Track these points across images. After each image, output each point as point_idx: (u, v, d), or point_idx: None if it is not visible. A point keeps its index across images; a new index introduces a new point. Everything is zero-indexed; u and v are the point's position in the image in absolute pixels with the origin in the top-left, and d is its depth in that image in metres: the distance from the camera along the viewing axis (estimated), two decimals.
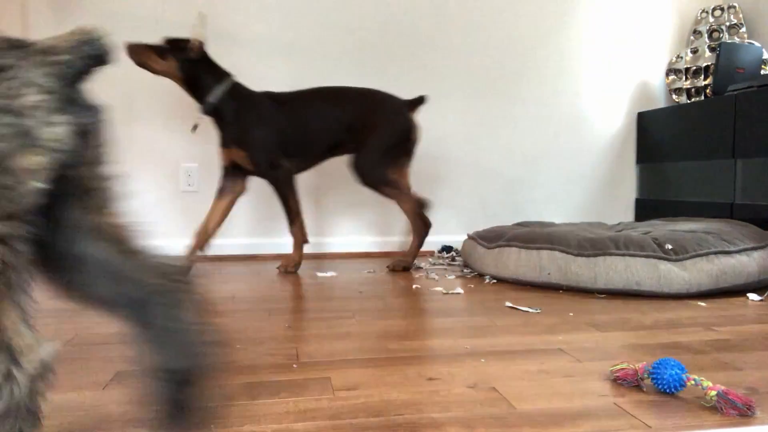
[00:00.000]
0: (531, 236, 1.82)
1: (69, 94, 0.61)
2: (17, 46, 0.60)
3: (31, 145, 0.56)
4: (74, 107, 0.61)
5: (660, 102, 2.87)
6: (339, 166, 2.55)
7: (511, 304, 1.50)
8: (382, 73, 2.58)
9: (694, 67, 2.69)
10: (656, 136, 2.71)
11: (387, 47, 2.58)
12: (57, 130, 0.59)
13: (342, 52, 2.54)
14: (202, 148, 2.44)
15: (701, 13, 2.77)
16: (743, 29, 2.65)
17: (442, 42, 2.63)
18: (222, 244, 2.47)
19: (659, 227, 1.97)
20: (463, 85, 2.66)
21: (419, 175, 2.63)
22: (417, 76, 2.61)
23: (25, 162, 0.55)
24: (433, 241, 2.64)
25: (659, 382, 0.86)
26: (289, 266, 2.05)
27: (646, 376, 0.88)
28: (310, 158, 2.08)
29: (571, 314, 1.40)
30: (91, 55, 0.62)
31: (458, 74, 2.65)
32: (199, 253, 2.01)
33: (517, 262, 1.79)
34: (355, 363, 1.02)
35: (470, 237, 2.12)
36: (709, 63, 2.63)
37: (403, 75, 2.60)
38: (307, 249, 2.53)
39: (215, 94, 1.94)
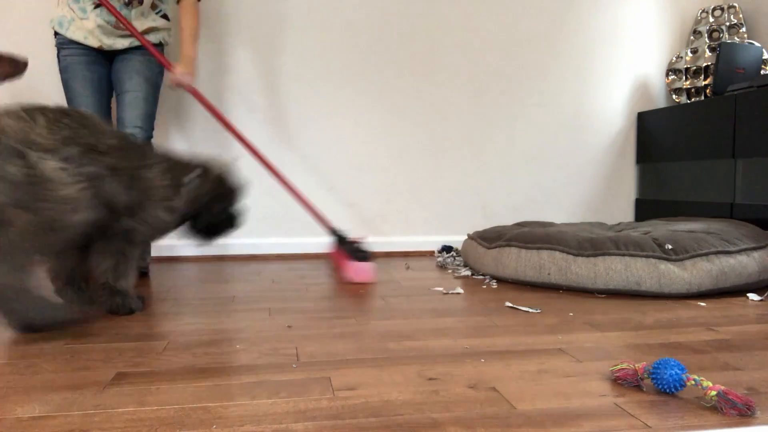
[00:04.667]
0: (531, 236, 1.82)
1: None
2: None
3: None
4: None
5: (660, 102, 2.87)
6: (342, 164, 2.55)
7: (511, 304, 1.50)
8: (381, 73, 2.58)
9: (694, 67, 2.69)
10: (656, 136, 2.71)
11: (387, 47, 2.58)
12: None
13: (341, 52, 2.54)
14: (201, 149, 2.44)
15: (701, 13, 2.77)
16: (743, 29, 2.65)
17: (442, 42, 2.63)
18: (222, 243, 2.47)
19: (659, 227, 1.97)
20: (463, 85, 2.66)
21: (419, 174, 2.63)
22: (417, 76, 2.61)
23: None
24: (433, 241, 2.64)
25: (659, 382, 0.86)
26: None
27: (646, 376, 0.88)
28: None
29: (571, 314, 1.40)
30: None
31: (458, 75, 2.65)
32: None
33: (517, 262, 1.79)
34: (355, 363, 1.02)
35: (470, 237, 2.12)
36: (709, 63, 2.63)
37: (402, 75, 2.60)
38: (307, 249, 2.53)
39: None
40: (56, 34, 1.91)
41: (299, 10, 2.50)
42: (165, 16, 2.01)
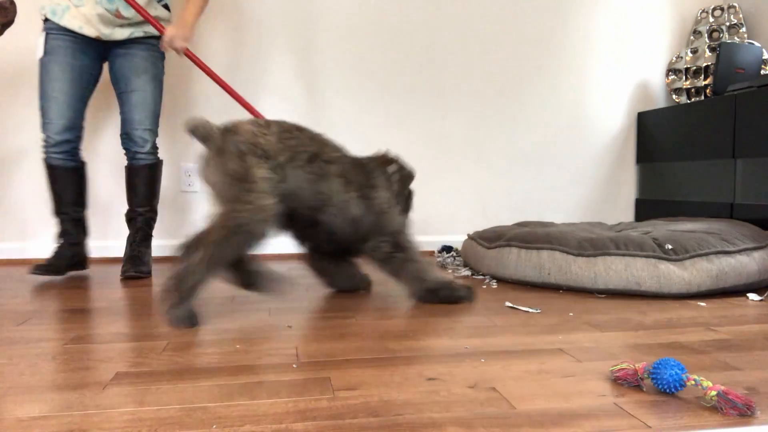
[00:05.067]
0: (531, 236, 1.82)
1: None
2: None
3: None
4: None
5: (660, 102, 2.87)
6: None
7: (510, 304, 1.50)
8: (381, 74, 2.58)
9: (694, 67, 2.69)
10: (656, 136, 2.71)
11: (386, 47, 2.58)
12: None
13: (339, 53, 2.54)
14: (201, 148, 2.44)
15: (701, 13, 2.77)
16: (743, 29, 2.65)
17: (443, 43, 2.63)
18: None
19: (659, 227, 1.97)
20: (463, 85, 2.66)
21: (419, 174, 2.63)
22: (417, 77, 2.61)
23: None
24: (433, 241, 2.64)
25: (659, 382, 0.86)
26: None
27: (646, 376, 0.88)
28: None
29: (571, 314, 1.40)
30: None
31: (458, 74, 2.65)
32: None
33: (517, 262, 1.79)
34: (355, 363, 1.02)
35: (470, 237, 2.12)
36: (709, 63, 2.63)
37: (403, 75, 2.60)
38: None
39: None
40: (45, 20, 1.85)
41: (285, 11, 2.50)
42: (166, 6, 2.00)
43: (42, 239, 2.34)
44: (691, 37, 2.77)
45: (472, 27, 2.66)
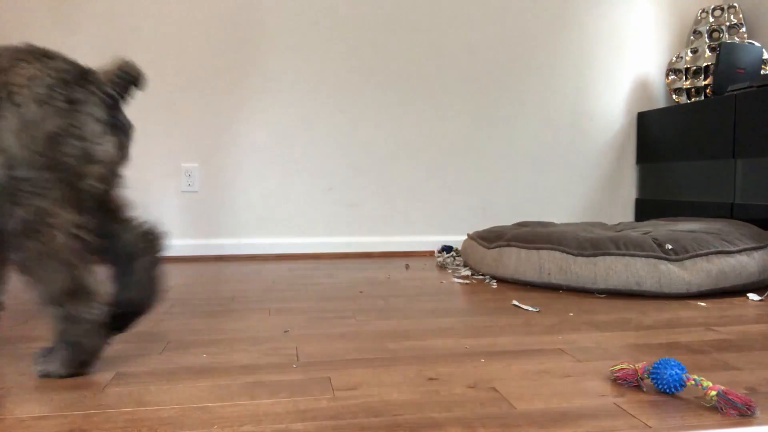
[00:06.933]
0: (531, 236, 1.82)
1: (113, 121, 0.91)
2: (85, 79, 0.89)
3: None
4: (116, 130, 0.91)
5: (660, 102, 2.87)
6: (341, 165, 2.55)
7: (517, 303, 1.50)
8: (381, 74, 2.58)
9: (694, 67, 2.69)
10: (656, 136, 2.71)
11: (386, 47, 2.58)
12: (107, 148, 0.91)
13: (340, 53, 2.54)
14: (202, 148, 2.44)
15: (701, 13, 2.77)
16: (743, 29, 2.65)
17: (442, 42, 2.63)
18: (222, 244, 2.47)
19: (659, 227, 1.97)
20: (463, 85, 2.66)
21: (419, 174, 2.63)
22: (416, 76, 2.61)
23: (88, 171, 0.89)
24: (433, 241, 2.64)
25: (659, 382, 0.86)
26: None
27: (646, 376, 0.88)
28: None
29: (571, 314, 1.40)
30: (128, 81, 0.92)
31: (458, 74, 2.65)
32: None
33: (517, 262, 1.79)
34: (355, 363, 1.02)
35: (470, 237, 2.12)
36: (709, 63, 2.63)
37: (402, 75, 2.60)
38: (307, 249, 2.53)
39: None
40: None
41: (293, 8, 2.50)
42: None
43: None
44: (691, 37, 2.77)
45: (472, 26, 2.66)
